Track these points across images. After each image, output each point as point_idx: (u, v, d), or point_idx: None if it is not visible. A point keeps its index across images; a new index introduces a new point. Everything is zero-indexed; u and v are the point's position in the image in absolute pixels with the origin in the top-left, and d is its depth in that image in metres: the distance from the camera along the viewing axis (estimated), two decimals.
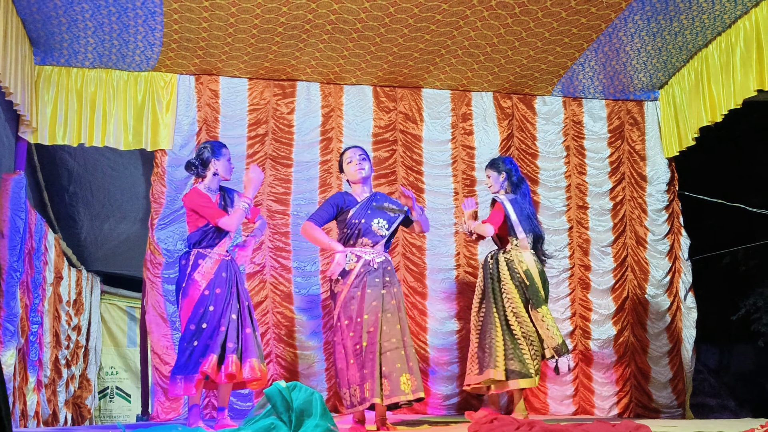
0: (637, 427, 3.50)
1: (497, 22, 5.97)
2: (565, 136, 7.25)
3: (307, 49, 6.33)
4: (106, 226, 8.15)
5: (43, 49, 6.17)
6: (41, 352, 6.70)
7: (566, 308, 6.96)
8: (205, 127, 6.67)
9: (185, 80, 6.68)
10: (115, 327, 9.75)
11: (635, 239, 7.16)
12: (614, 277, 7.08)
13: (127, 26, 5.90)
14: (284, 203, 6.74)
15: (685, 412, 6.99)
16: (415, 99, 7.07)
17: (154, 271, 6.37)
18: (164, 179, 6.51)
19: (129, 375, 9.67)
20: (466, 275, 6.89)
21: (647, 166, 7.27)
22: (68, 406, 8.01)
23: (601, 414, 6.76)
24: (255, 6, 5.67)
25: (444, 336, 6.78)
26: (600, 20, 5.98)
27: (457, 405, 6.68)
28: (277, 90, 6.85)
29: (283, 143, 6.80)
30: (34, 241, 6.36)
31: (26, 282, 6.09)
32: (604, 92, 7.22)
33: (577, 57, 6.57)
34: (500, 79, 6.92)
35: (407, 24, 5.97)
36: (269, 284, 6.59)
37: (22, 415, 6.20)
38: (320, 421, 3.31)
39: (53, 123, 6.34)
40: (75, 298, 8.22)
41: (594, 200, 7.18)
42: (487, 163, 5.84)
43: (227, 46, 6.24)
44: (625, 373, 6.96)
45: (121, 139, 6.48)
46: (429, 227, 5.59)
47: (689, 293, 7.13)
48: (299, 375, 6.47)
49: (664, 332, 7.04)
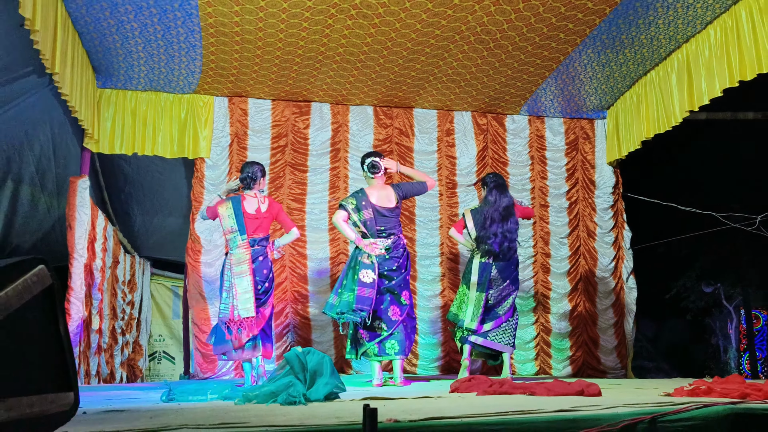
0: (589, 384, 3.51)
1: (475, 54, 5.97)
2: (530, 147, 7.25)
3: (320, 75, 6.33)
4: (155, 220, 8.14)
5: (103, 75, 6.16)
6: (101, 322, 6.71)
7: (530, 288, 6.97)
8: (236, 140, 6.66)
9: (220, 101, 6.67)
10: (162, 302, 9.73)
11: (587, 232, 7.18)
12: (569, 263, 7.09)
13: (172, 57, 5.89)
14: (301, 202, 6.75)
15: (627, 372, 7.00)
16: (407, 117, 7.06)
17: (194, 257, 6.37)
18: (203, 182, 6.51)
19: (173, 341, 9.66)
20: (449, 261, 6.90)
21: (596, 173, 7.27)
22: (123, 367, 8.01)
23: (557, 374, 6.78)
24: (277, 40, 5.66)
25: (430, 311, 6.79)
26: (559, 53, 5.98)
27: (441, 366, 6.69)
28: (295, 109, 6.84)
29: (300, 153, 6.80)
30: (96, 232, 6.36)
31: (89, 265, 6.10)
32: (562, 112, 7.22)
33: (540, 83, 6.57)
34: (477, 100, 6.91)
35: (402, 55, 5.96)
36: (288, 268, 6.60)
37: (86, 374, 6.22)
38: (330, 380, 3.32)
39: (112, 136, 6.34)
40: (129, 278, 8.22)
41: (553, 200, 7.19)
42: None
43: (254, 73, 6.23)
44: (578, 341, 6.97)
45: (168, 149, 6.49)
46: (428, 181, 5.15)
47: (631, 276, 7.14)
48: (312, 342, 6.48)
49: (611, 308, 7.06)
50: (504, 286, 5.24)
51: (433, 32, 5.58)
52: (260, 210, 4.97)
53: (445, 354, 6.72)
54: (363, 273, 4.72)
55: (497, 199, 5.28)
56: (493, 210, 5.24)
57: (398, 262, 4.85)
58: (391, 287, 4.82)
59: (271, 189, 6.65)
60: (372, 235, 4.82)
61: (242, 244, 4.87)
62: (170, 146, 6.48)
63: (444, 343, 6.74)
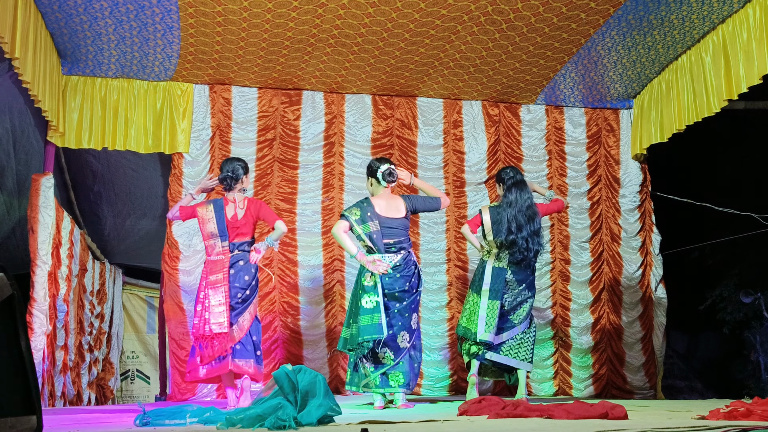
0: (614, 406, 3.50)
1: (486, 37, 5.98)
2: (547, 141, 7.26)
3: (312, 60, 6.33)
4: (128, 222, 8.15)
5: (70, 60, 6.17)
6: (67, 337, 6.70)
7: (548, 298, 6.97)
8: (218, 132, 6.67)
9: (200, 89, 6.68)
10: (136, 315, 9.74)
11: (610, 236, 7.18)
12: (591, 270, 7.10)
13: (147, 40, 5.90)
14: (291, 202, 6.75)
15: (657, 393, 7.01)
16: (410, 107, 7.07)
17: (172, 263, 6.37)
18: (181, 180, 6.52)
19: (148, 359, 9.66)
20: (456, 269, 6.90)
21: (621, 170, 7.27)
22: (92, 387, 8.01)
23: (578, 395, 6.78)
24: (264, 21, 5.67)
25: (435, 324, 6.79)
26: (580, 35, 5.99)
27: (448, 387, 6.69)
28: (284, 98, 6.85)
29: (289, 147, 6.81)
30: (61, 236, 6.36)
31: (54, 273, 6.10)
32: (583, 101, 7.23)
33: (559, 69, 6.57)
34: (488, 88, 6.92)
35: (404, 38, 5.97)
36: (277, 276, 6.59)
37: (50, 395, 6.21)
38: (323, 401, 3.32)
39: (79, 128, 6.34)
40: (98, 288, 8.21)
41: (573, 200, 7.19)
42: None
43: (239, 57, 6.24)
44: (601, 357, 6.97)
45: (142, 144, 6.49)
46: (443, 198, 5.20)
47: (660, 285, 7.14)
48: (304, 359, 6.48)
49: (638, 320, 7.06)
50: (519, 290, 5.23)
51: (439, 12, 5.59)
52: (236, 217, 4.97)
53: (453, 372, 6.72)
54: (365, 300, 4.74)
55: (518, 198, 5.26)
56: (516, 211, 5.22)
57: (409, 282, 4.85)
58: (401, 309, 4.82)
59: (257, 187, 6.66)
60: (379, 251, 4.83)
61: (222, 251, 4.89)
62: (144, 140, 6.48)
63: (452, 360, 6.74)
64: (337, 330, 6.58)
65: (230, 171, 5.03)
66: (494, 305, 5.14)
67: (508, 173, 5.41)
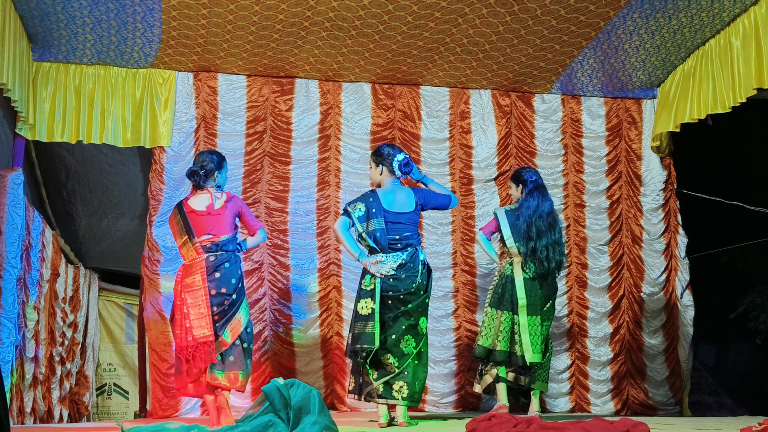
0: (635, 424, 3.51)
1: (496, 20, 5.99)
2: (563, 134, 7.26)
3: (306, 45, 6.34)
4: (104, 222, 8.15)
5: (41, 45, 6.17)
6: (37, 348, 6.71)
7: (563, 306, 6.97)
8: (203, 124, 6.68)
9: (184, 77, 6.69)
10: (113, 324, 9.73)
11: (631, 238, 7.18)
12: (610, 276, 7.10)
13: (125, 23, 5.90)
14: (282, 201, 6.76)
15: (683, 409, 7.01)
16: (413, 97, 7.07)
17: (153, 268, 6.38)
18: (163, 176, 6.53)
19: (127, 372, 9.65)
20: (464, 274, 6.91)
21: (643, 166, 7.27)
22: (65, 402, 8.01)
23: (597, 411, 6.79)
24: (253, 3, 5.67)
25: (441, 334, 6.79)
26: (599, 18, 5.99)
27: (455, 403, 6.70)
28: (275, 87, 6.85)
29: (281, 140, 6.81)
30: (31, 237, 6.37)
31: (23, 279, 6.10)
32: (602, 90, 7.23)
33: (576, 55, 6.58)
34: (499, 76, 6.93)
35: (406, 21, 5.98)
36: (267, 281, 6.60)
37: (19, 411, 6.22)
38: (318, 418, 3.33)
39: (51, 120, 6.35)
40: (72, 294, 8.21)
41: (591, 198, 7.19)
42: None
43: (226, 42, 6.24)
44: (621, 370, 6.98)
45: (120, 136, 6.49)
46: (453, 196, 5.28)
47: (686, 291, 7.14)
48: (297, 372, 6.48)
49: (660, 330, 7.06)
50: (548, 307, 5.49)
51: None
52: (213, 206, 4.91)
53: (460, 387, 6.73)
54: (361, 305, 4.82)
55: (540, 203, 5.40)
56: (536, 217, 5.36)
57: (416, 282, 4.86)
58: (407, 312, 4.83)
59: (246, 185, 6.67)
60: (383, 249, 4.84)
61: (192, 250, 4.86)
62: (123, 132, 6.49)
63: (458, 373, 6.74)
64: (332, 340, 6.59)
65: (200, 164, 5.00)
66: (535, 321, 5.32)
67: (530, 176, 5.62)
